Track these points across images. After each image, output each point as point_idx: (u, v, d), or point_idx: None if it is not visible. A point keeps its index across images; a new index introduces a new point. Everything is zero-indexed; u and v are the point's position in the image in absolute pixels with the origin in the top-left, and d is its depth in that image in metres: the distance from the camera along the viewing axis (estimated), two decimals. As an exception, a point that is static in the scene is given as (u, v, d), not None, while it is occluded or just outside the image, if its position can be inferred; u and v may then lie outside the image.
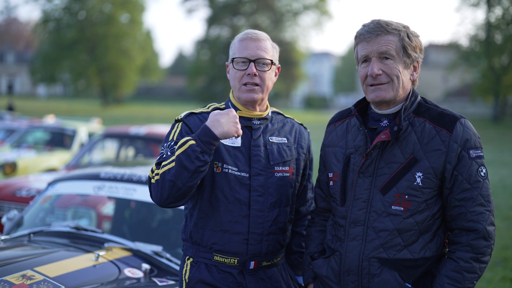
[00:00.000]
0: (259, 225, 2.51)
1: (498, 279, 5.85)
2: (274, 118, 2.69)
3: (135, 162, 5.46)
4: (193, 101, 51.90)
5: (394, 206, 2.20)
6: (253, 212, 2.50)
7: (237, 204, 2.49)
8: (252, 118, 2.59)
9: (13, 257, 3.06)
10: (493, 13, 40.83)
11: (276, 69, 2.64)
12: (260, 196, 2.51)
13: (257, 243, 2.51)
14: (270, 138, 2.60)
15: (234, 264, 2.51)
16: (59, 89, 73.99)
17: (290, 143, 2.66)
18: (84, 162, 8.45)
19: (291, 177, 2.62)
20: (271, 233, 2.54)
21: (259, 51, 2.52)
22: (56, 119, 14.73)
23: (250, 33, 2.56)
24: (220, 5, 51.06)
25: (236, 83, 2.55)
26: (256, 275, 2.55)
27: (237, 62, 2.54)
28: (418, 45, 2.27)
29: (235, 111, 2.57)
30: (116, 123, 24.09)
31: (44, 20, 48.63)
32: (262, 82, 2.54)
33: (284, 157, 2.60)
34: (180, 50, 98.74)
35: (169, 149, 2.43)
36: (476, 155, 2.20)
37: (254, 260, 2.53)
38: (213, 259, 2.51)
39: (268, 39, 2.59)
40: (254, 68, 2.51)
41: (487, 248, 2.18)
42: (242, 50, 2.53)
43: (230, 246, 2.49)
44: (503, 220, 8.57)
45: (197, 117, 2.56)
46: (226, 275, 2.51)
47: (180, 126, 2.53)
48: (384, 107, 2.30)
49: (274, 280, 2.60)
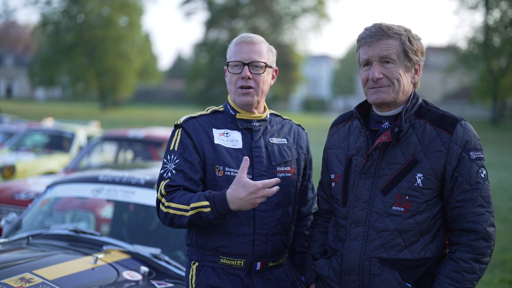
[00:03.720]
0: (264, 225, 2.52)
1: (496, 281, 5.86)
2: (272, 119, 2.71)
3: (134, 165, 5.45)
4: (191, 104, 51.90)
5: (394, 207, 2.22)
6: (258, 213, 2.51)
7: None
8: (252, 120, 2.60)
9: (11, 260, 3.05)
10: (491, 16, 40.88)
11: (274, 71, 2.65)
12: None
13: (262, 243, 2.52)
14: (270, 139, 2.62)
15: (240, 265, 2.51)
16: (58, 92, 73.95)
17: (290, 144, 2.67)
18: (82, 165, 8.44)
19: (293, 177, 2.64)
20: (276, 233, 2.56)
21: (253, 54, 2.54)
22: (54, 122, 14.72)
23: (245, 36, 2.59)
24: (219, 8, 51.08)
25: (232, 87, 2.58)
26: (263, 276, 2.56)
27: (232, 66, 2.56)
28: (420, 49, 2.29)
29: (234, 113, 2.59)
30: (114, 126, 24.06)
31: (42, 23, 48.58)
32: (257, 85, 2.55)
33: (285, 158, 2.61)
34: (178, 53, 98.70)
35: (173, 164, 2.49)
36: (476, 157, 2.21)
37: (261, 261, 2.54)
38: (219, 262, 2.52)
39: (264, 42, 2.61)
40: (248, 71, 2.53)
41: (487, 249, 2.19)
42: (236, 53, 2.56)
43: (236, 248, 2.50)
44: (502, 222, 8.57)
45: (196, 121, 2.58)
46: (233, 277, 2.51)
47: (180, 133, 2.55)
48: (385, 109, 2.32)
49: (281, 280, 2.61)
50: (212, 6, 51.10)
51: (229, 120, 2.60)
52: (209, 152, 2.51)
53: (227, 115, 2.62)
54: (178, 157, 2.50)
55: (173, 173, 2.46)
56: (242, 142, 2.55)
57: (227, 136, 2.55)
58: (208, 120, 2.59)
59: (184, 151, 2.50)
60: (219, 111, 2.64)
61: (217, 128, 2.57)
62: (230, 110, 2.62)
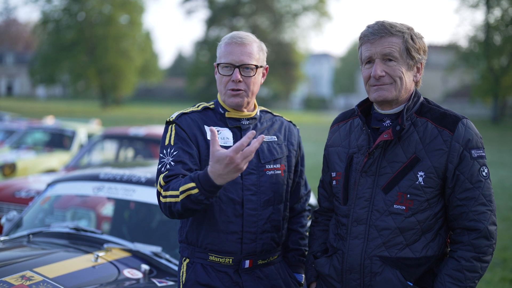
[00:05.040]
0: (253, 224, 2.51)
1: (497, 280, 5.86)
2: (262, 117, 2.69)
3: (135, 163, 5.45)
4: (192, 102, 51.72)
5: (396, 205, 2.21)
6: (247, 211, 2.50)
7: (231, 203, 2.48)
8: (241, 118, 2.59)
9: (12, 258, 3.05)
10: (492, 14, 40.87)
11: (264, 69, 2.63)
12: (253, 195, 2.51)
13: (251, 241, 2.51)
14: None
15: (229, 263, 2.51)
16: (59, 90, 73.99)
17: (280, 141, 2.66)
18: (83, 163, 8.45)
19: (283, 175, 2.62)
20: (265, 231, 2.54)
21: (244, 56, 2.50)
22: (55, 120, 14.72)
23: (235, 37, 2.54)
24: (220, 6, 51.09)
25: (222, 88, 2.55)
26: (253, 274, 2.55)
27: (222, 67, 2.53)
28: (422, 47, 2.28)
29: (223, 112, 2.58)
30: (115, 124, 24.07)
31: (43, 21, 48.60)
32: (247, 87, 2.53)
33: (275, 155, 2.60)
34: (179, 51, 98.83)
35: (170, 157, 2.45)
36: (478, 155, 2.21)
37: (249, 259, 2.53)
38: (208, 259, 2.51)
39: (254, 41, 2.57)
40: (239, 74, 2.50)
41: (489, 248, 2.18)
42: (227, 55, 2.51)
43: (225, 246, 2.49)
44: (503, 221, 8.58)
45: (189, 117, 2.57)
46: (222, 275, 2.50)
47: (174, 128, 2.53)
48: (386, 107, 2.31)
49: (272, 278, 2.59)
50: (213, 4, 51.11)
51: (218, 118, 2.59)
52: (203, 148, 2.49)
53: (217, 113, 2.60)
54: (175, 149, 2.46)
55: (171, 165, 2.42)
56: (233, 140, 2.54)
57: (218, 134, 2.52)
58: (199, 117, 2.57)
59: (182, 144, 2.47)
60: (210, 108, 2.63)
61: (208, 126, 2.55)
62: (219, 109, 2.61)
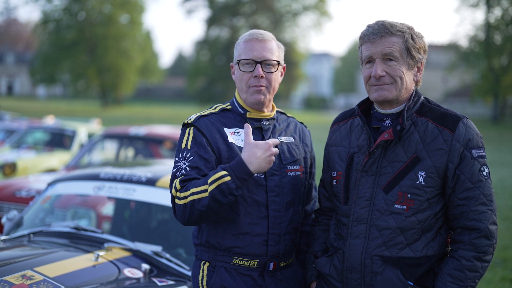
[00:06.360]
0: (277, 225, 2.49)
1: (497, 280, 5.85)
2: (279, 118, 2.68)
3: (135, 163, 5.45)
4: (192, 102, 51.89)
5: (396, 205, 2.21)
6: (271, 213, 2.48)
7: (256, 205, 2.46)
8: (262, 119, 2.57)
9: (13, 257, 3.05)
10: (493, 14, 40.84)
11: (282, 68, 2.61)
12: (277, 196, 2.50)
13: (275, 243, 2.50)
14: (279, 137, 2.58)
15: (254, 266, 2.49)
16: (59, 90, 73.96)
17: (297, 142, 2.65)
18: (83, 162, 8.44)
19: (302, 176, 2.62)
20: (288, 233, 2.53)
21: (265, 52, 2.49)
22: (55, 120, 14.70)
23: (256, 33, 2.52)
24: (220, 5, 51.02)
25: (243, 85, 2.52)
26: (275, 277, 2.53)
27: (243, 64, 2.50)
28: (422, 46, 2.28)
29: (243, 112, 2.55)
30: (115, 123, 24.04)
31: (44, 21, 48.59)
32: (269, 84, 2.51)
33: (295, 156, 2.59)
34: (179, 51, 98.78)
35: (186, 162, 2.41)
36: (479, 155, 2.21)
37: (273, 261, 2.51)
38: (232, 262, 2.48)
39: (274, 39, 2.56)
40: (261, 70, 2.48)
41: (489, 247, 2.19)
42: (248, 51, 2.49)
43: (250, 249, 2.47)
44: (503, 220, 8.57)
45: (207, 119, 2.52)
46: (247, 278, 2.48)
47: (192, 131, 2.48)
48: (387, 107, 2.31)
49: (291, 281, 2.59)
50: (213, 3, 51.04)
51: (238, 119, 2.55)
52: (224, 150, 2.45)
53: (235, 114, 2.57)
54: (192, 154, 2.42)
55: (187, 170, 2.39)
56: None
57: (238, 135, 2.50)
58: (218, 119, 2.54)
59: (199, 149, 2.43)
60: (227, 109, 2.59)
61: (228, 127, 2.52)
62: (239, 109, 2.57)
